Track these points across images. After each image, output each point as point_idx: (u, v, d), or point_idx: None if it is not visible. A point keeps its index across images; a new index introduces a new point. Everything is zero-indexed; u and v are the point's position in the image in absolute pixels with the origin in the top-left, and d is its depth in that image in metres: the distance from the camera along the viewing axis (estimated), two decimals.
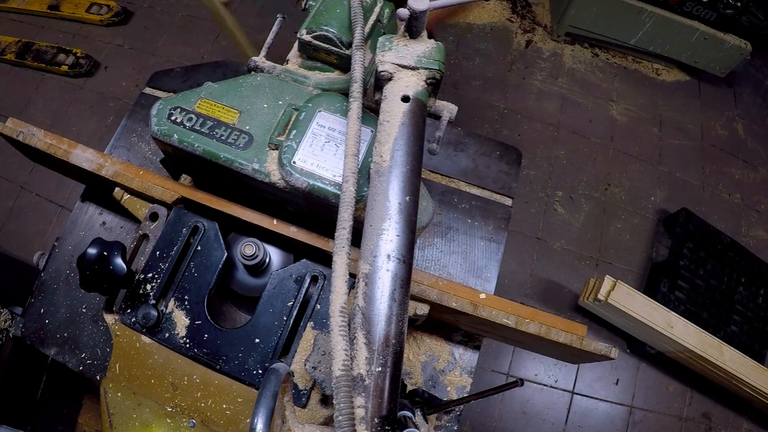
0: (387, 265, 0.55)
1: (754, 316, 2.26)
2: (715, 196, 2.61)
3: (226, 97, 0.81)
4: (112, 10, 2.74)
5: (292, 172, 0.73)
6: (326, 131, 0.77)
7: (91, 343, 0.98)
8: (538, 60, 2.85)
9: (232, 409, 0.74)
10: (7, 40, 2.68)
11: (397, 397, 0.51)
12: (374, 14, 0.92)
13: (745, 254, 2.36)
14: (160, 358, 0.77)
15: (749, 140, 2.82)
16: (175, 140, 0.77)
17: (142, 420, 0.75)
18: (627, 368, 2.21)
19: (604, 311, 2.07)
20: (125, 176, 0.86)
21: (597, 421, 2.12)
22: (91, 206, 1.12)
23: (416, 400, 0.88)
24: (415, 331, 1.03)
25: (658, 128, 2.75)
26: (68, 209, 2.28)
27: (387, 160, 0.61)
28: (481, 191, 1.21)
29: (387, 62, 0.69)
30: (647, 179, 2.60)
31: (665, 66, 2.94)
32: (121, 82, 2.62)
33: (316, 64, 0.91)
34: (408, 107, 0.66)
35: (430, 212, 0.80)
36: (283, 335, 0.77)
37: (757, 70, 3.05)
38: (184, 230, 0.82)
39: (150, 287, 0.79)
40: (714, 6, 2.51)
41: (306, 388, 0.76)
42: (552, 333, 0.82)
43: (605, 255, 2.39)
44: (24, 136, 0.89)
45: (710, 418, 2.17)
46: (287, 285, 0.80)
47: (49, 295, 1.03)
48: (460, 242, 1.15)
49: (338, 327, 0.50)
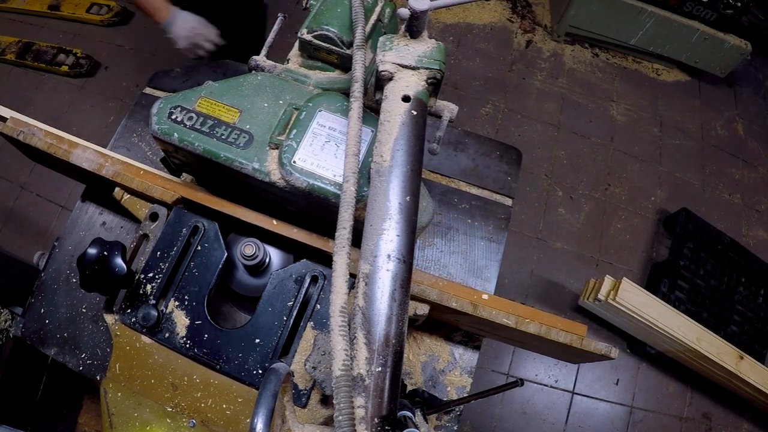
0: (387, 265, 0.55)
1: (754, 316, 2.26)
2: (715, 196, 2.61)
3: (226, 96, 0.80)
4: (112, 10, 2.74)
5: (292, 171, 0.73)
6: (327, 131, 0.76)
7: (91, 343, 0.98)
8: (538, 60, 2.85)
9: (232, 409, 0.74)
10: (7, 40, 2.68)
11: (397, 397, 0.51)
12: (375, 14, 0.92)
13: (745, 254, 2.36)
14: (160, 358, 0.77)
15: (749, 140, 2.82)
16: (176, 139, 0.77)
17: (142, 420, 0.75)
18: (627, 368, 2.21)
19: (604, 311, 2.07)
20: (125, 176, 0.86)
21: (597, 421, 2.12)
22: (91, 206, 1.12)
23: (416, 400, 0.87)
24: (415, 331, 1.03)
25: (658, 128, 2.74)
26: (68, 209, 2.28)
27: (387, 159, 0.61)
28: (481, 191, 1.21)
29: (388, 62, 0.69)
30: (647, 179, 2.59)
31: (665, 66, 2.94)
32: (121, 82, 2.62)
33: (317, 63, 0.91)
34: (408, 107, 0.65)
35: (430, 212, 0.80)
36: (283, 335, 0.77)
37: (757, 70, 3.05)
38: (184, 230, 0.82)
39: (150, 287, 0.79)
40: (714, 6, 2.51)
41: (306, 388, 0.76)
42: (552, 333, 0.82)
43: (605, 255, 2.39)
44: (24, 136, 0.88)
45: (710, 418, 2.17)
46: (287, 285, 0.80)
47: (49, 295, 1.03)
48: (460, 242, 1.15)
49: (338, 327, 0.50)
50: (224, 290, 0.88)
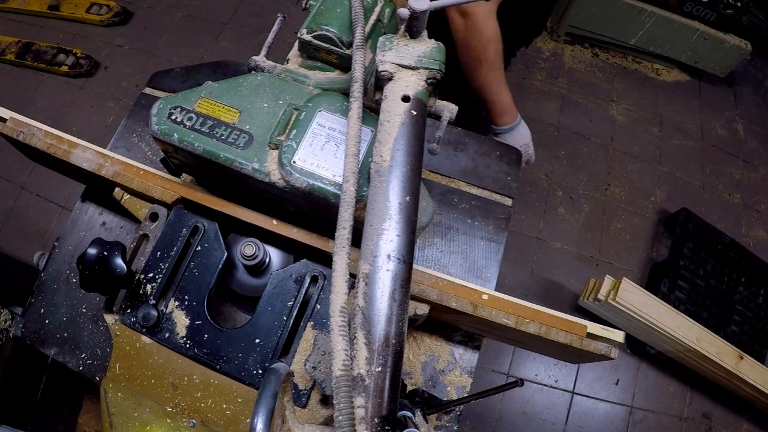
0: (387, 265, 0.55)
1: (754, 316, 2.26)
2: (715, 196, 2.61)
3: (226, 97, 0.80)
4: (112, 10, 2.74)
5: (292, 171, 0.73)
6: (326, 131, 0.76)
7: (91, 343, 0.98)
8: (538, 60, 2.85)
9: (232, 409, 0.74)
10: (7, 40, 2.68)
11: (397, 397, 0.51)
12: (375, 14, 0.92)
13: (745, 254, 2.36)
14: (160, 358, 0.77)
15: (749, 140, 2.82)
16: (175, 139, 0.77)
17: (142, 420, 0.75)
18: (627, 368, 2.21)
19: (604, 311, 2.07)
20: (125, 176, 0.86)
21: (597, 421, 2.12)
22: (91, 206, 1.12)
23: (416, 400, 0.87)
24: (415, 331, 1.03)
25: (658, 128, 2.75)
26: (68, 209, 2.28)
27: (387, 160, 0.61)
28: (481, 191, 1.21)
29: (387, 62, 0.69)
30: (647, 179, 2.60)
31: (665, 66, 2.94)
32: (121, 82, 2.62)
33: (317, 63, 0.91)
34: (408, 107, 0.65)
35: (430, 212, 0.80)
36: (283, 335, 0.77)
37: (757, 70, 3.05)
38: (184, 230, 0.82)
39: (150, 287, 0.79)
40: (714, 6, 2.51)
41: (306, 388, 0.76)
42: (552, 333, 0.82)
43: (605, 255, 2.39)
44: (24, 136, 0.88)
45: (710, 418, 2.17)
46: (287, 285, 0.80)
47: (49, 295, 1.03)
48: (460, 242, 1.15)
49: (338, 327, 0.50)
50: (224, 290, 0.88)
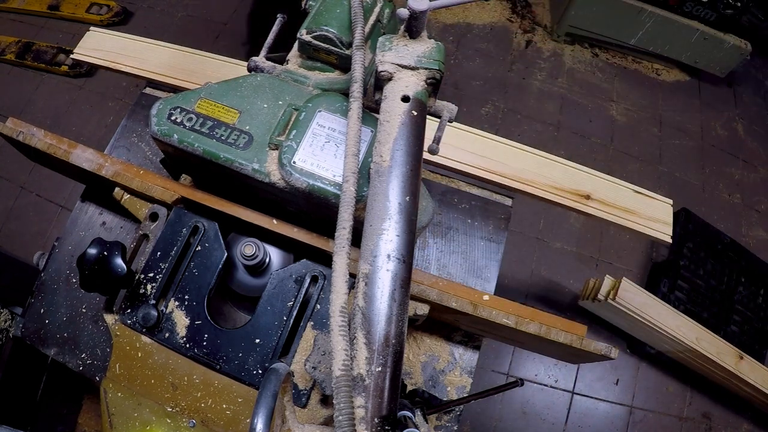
0: (387, 265, 0.55)
1: (754, 316, 2.26)
2: (715, 196, 2.61)
3: (226, 97, 0.81)
4: (112, 10, 2.74)
5: (292, 172, 0.73)
6: (326, 131, 0.77)
7: (91, 343, 0.98)
8: (538, 60, 2.85)
9: (232, 409, 0.74)
10: (7, 40, 2.68)
11: (397, 397, 0.51)
12: (374, 14, 0.92)
13: (745, 254, 2.36)
14: (160, 358, 0.77)
15: (749, 140, 2.82)
16: (175, 140, 0.77)
17: (142, 420, 0.75)
18: (627, 368, 2.21)
19: (604, 311, 2.07)
20: (125, 176, 0.86)
21: (597, 421, 2.12)
22: (91, 206, 1.12)
23: (416, 400, 0.88)
24: (415, 331, 1.03)
25: (658, 128, 2.74)
26: (68, 209, 2.28)
27: (387, 160, 0.61)
28: (481, 191, 1.21)
29: (387, 62, 0.69)
30: (647, 179, 2.59)
31: (665, 66, 2.94)
32: (121, 82, 2.62)
33: (316, 64, 0.91)
34: (408, 107, 0.65)
35: (430, 212, 0.80)
36: (283, 335, 0.77)
37: (757, 70, 3.05)
38: (184, 230, 0.82)
39: (150, 287, 0.79)
40: (714, 6, 2.51)
41: (306, 388, 0.76)
42: (552, 333, 0.82)
43: (605, 255, 2.39)
44: (24, 136, 0.89)
45: (710, 418, 2.17)
46: (287, 285, 0.80)
47: (49, 295, 1.03)
48: (460, 242, 1.15)
49: (338, 327, 0.50)
50: (224, 290, 0.88)
